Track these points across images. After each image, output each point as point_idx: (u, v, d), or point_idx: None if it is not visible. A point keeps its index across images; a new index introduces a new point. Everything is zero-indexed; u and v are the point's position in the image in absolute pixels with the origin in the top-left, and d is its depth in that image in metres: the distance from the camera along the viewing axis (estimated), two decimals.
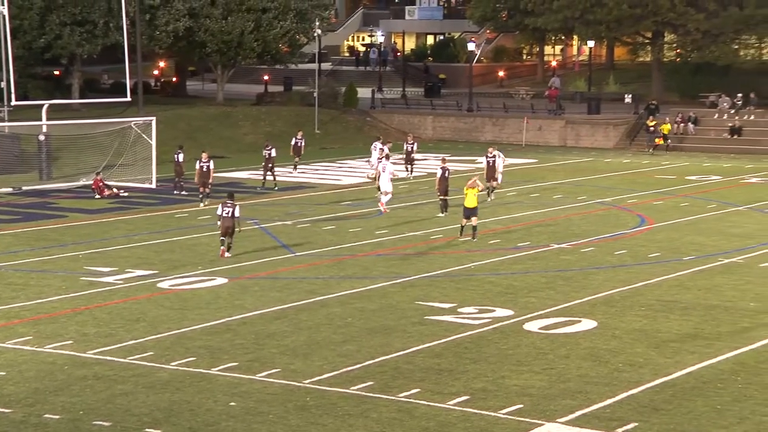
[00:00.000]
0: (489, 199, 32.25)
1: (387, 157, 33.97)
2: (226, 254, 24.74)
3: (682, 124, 50.46)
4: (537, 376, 15.69)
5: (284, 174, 40.26)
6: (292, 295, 21.06)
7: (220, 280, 22.44)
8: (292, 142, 40.75)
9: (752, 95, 51.73)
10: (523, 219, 30.37)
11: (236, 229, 24.60)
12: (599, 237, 27.18)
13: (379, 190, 31.79)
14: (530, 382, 15.45)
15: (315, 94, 54.50)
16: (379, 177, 31.83)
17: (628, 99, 56.38)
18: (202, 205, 32.06)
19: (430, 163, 44.20)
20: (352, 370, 16.05)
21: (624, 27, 57.86)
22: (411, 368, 16.14)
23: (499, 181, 34.70)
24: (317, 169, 43.36)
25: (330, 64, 77.45)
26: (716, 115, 51.30)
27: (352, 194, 36.15)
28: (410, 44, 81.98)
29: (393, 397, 14.80)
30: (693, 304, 19.99)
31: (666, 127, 48.41)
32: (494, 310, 19.59)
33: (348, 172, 42.18)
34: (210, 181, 32.40)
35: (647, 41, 61.95)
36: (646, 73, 62.77)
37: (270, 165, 36.55)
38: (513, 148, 50.23)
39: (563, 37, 70.92)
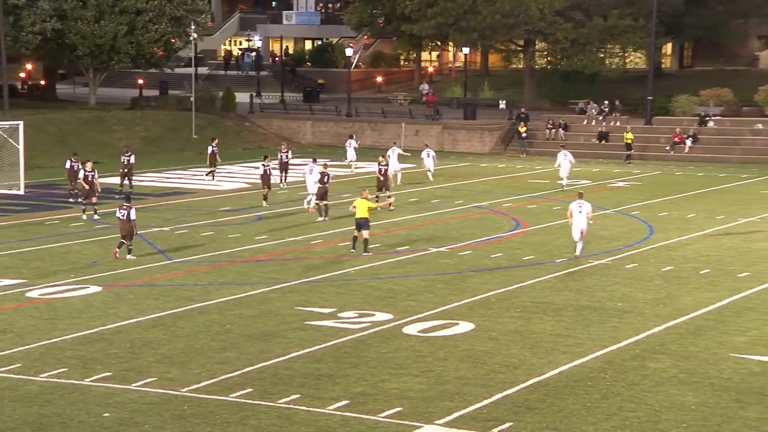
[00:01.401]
0: (391, 208, 32.03)
1: (314, 160, 34.31)
2: (128, 257, 24.67)
3: (553, 130, 52.03)
4: (416, 379, 15.88)
5: (196, 182, 39.69)
6: (169, 302, 20.68)
7: (94, 289, 21.84)
8: (209, 150, 39.81)
9: (617, 102, 53.82)
10: (403, 223, 30.70)
11: (134, 232, 24.76)
12: (476, 240, 27.73)
13: (265, 199, 33.36)
14: (409, 385, 15.62)
15: (192, 99, 53.72)
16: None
17: (502, 105, 57.77)
18: (84, 216, 30.73)
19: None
20: (230, 377, 15.89)
21: (497, 35, 59.23)
22: (291, 374, 16.09)
23: (431, 178, 39.46)
24: (195, 175, 42.71)
25: (207, 68, 76.47)
26: (585, 121, 53.12)
27: (231, 200, 35.78)
28: (288, 49, 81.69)
29: (272, 404, 14.73)
30: (565, 305, 20.61)
31: (628, 137, 47.03)
32: (374, 315, 19.72)
33: (227, 178, 41.71)
34: (97, 190, 31.19)
35: (519, 49, 63.60)
36: (519, 80, 64.43)
37: (127, 171, 35.84)
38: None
39: (439, 44, 72.05)
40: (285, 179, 38.47)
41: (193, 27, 55.24)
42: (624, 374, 16.18)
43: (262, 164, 34.02)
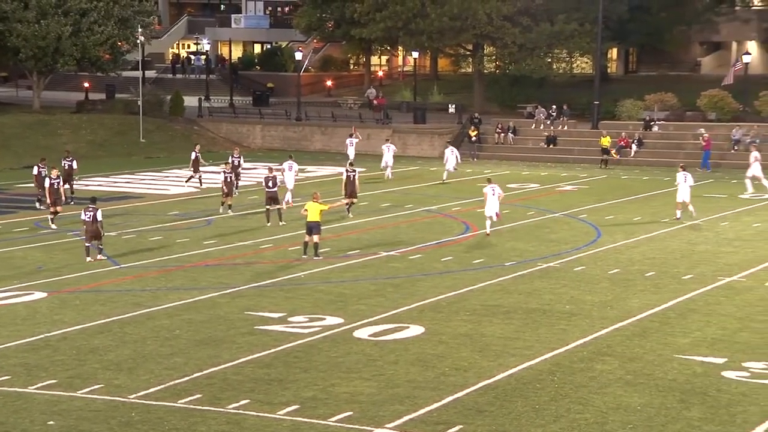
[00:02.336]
0: (349, 216, 31.82)
1: (290, 157, 35.69)
2: (99, 257, 24.83)
3: (502, 134, 52.44)
4: (366, 383, 15.88)
5: (144, 186, 39.05)
6: (116, 308, 20.43)
7: (39, 295, 21.47)
8: (192, 156, 38.97)
9: (565, 107, 54.45)
10: (353, 227, 30.68)
11: (101, 233, 24.95)
12: (426, 244, 27.82)
13: (225, 197, 32.76)
14: (360, 389, 15.62)
15: (139, 103, 53.17)
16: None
17: (452, 109, 58.07)
18: (54, 226, 29.63)
19: (260, 173, 43.99)
20: (179, 383, 15.74)
21: (446, 39, 59.53)
22: (240, 379, 15.99)
23: (389, 174, 41.74)
24: (143, 179, 42.28)
25: (155, 71, 75.73)
26: (533, 126, 53.63)
27: (180, 204, 35.47)
28: (237, 53, 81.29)
29: (222, 410, 14.62)
30: (514, 308, 20.76)
31: (605, 141, 47.30)
32: (324, 319, 19.69)
33: (175, 182, 41.33)
34: (62, 198, 30.40)
35: (468, 53, 64.00)
36: (469, 84, 64.83)
37: (70, 177, 35.09)
38: (342, 156, 50.71)
39: (389, 48, 72.22)
40: (236, 185, 37.97)
41: (140, 30, 54.64)
42: (572, 376, 16.35)
43: (223, 171, 33.28)
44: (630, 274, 24.03)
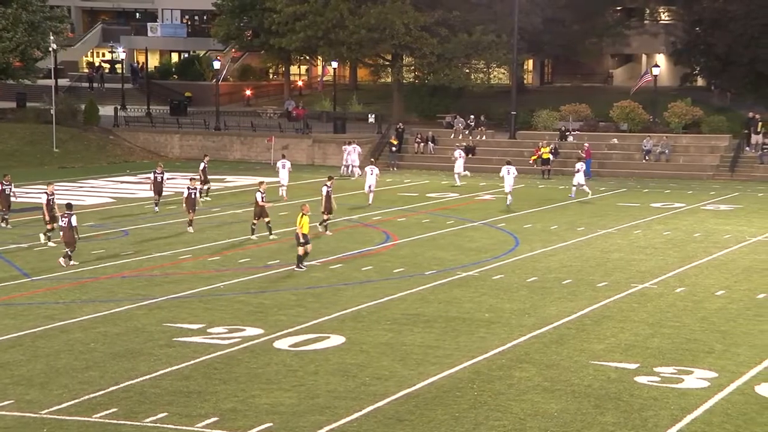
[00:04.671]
0: (327, 233, 30.78)
1: (283, 156, 40.07)
2: (71, 263, 24.98)
3: (421, 144, 52.83)
4: (287, 394, 15.80)
5: (58, 196, 38.11)
6: (28, 321, 19.90)
7: None
8: (201, 167, 37.48)
9: (482, 117, 55.17)
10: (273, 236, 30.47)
11: (75, 238, 25.09)
12: (347, 254, 27.83)
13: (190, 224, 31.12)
14: (280, 399, 15.54)
15: (52, 111, 51.98)
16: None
17: (371, 119, 58.29)
18: (49, 242, 28.49)
19: (177, 182, 43.39)
20: (94, 397, 15.42)
21: (365, 49, 59.75)
22: (158, 392, 15.74)
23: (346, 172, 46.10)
24: (57, 189, 41.17)
25: (68, 80, 74.17)
26: (452, 135, 54.19)
27: (95, 215, 34.77)
28: (154, 61, 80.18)
29: (139, 423, 14.37)
30: (435, 317, 20.91)
31: (545, 150, 48.04)
32: (244, 330, 19.53)
33: (91, 192, 40.51)
34: (56, 214, 29.50)
35: (387, 63, 64.34)
36: (388, 94, 65.17)
37: None
38: (261, 166, 50.50)
39: (308, 58, 72.14)
40: (158, 201, 36.39)
41: (52, 37, 53.43)
42: (491, 384, 16.53)
43: (188, 187, 31.53)
44: (547, 282, 24.44)
